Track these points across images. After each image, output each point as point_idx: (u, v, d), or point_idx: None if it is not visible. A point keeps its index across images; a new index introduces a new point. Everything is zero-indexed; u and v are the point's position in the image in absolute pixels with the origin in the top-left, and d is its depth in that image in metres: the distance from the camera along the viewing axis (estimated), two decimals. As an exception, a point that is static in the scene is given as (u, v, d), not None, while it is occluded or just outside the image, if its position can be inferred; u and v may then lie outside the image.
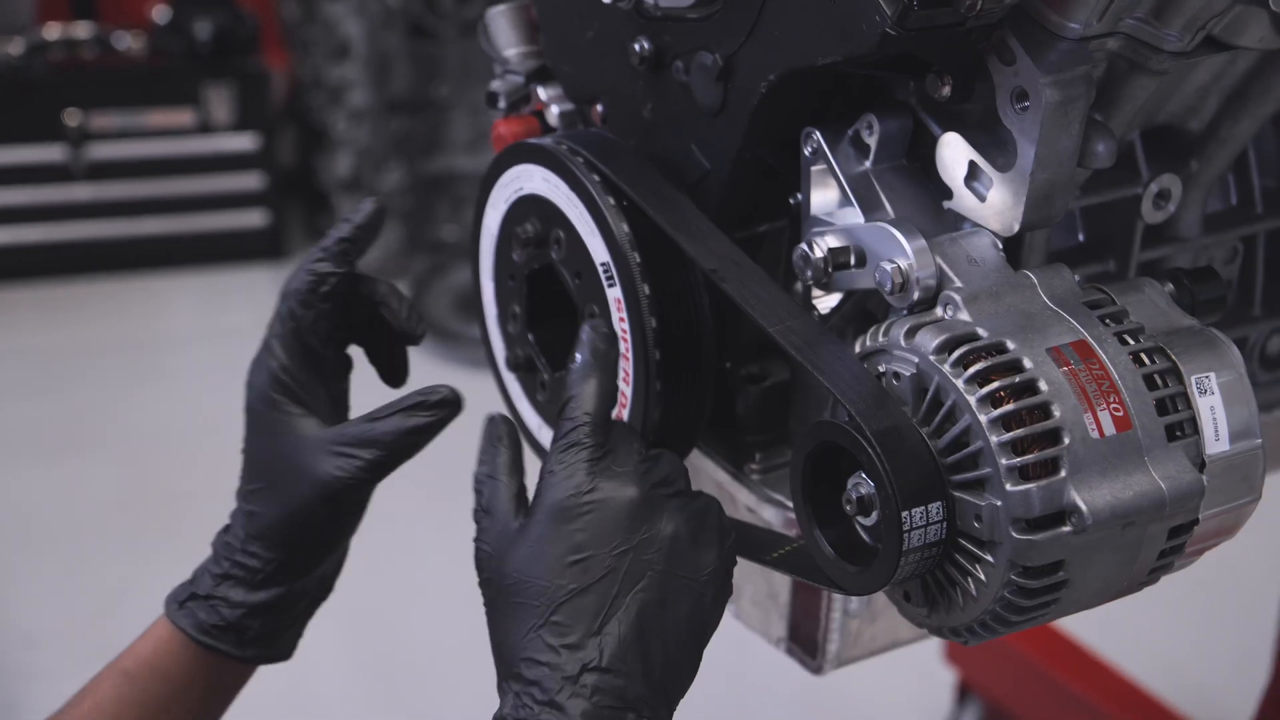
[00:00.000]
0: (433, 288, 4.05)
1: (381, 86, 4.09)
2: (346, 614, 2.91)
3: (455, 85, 4.18)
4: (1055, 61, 0.90)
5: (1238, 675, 2.16)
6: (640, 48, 1.06)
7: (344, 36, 4.03)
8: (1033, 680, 2.19)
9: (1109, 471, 0.86)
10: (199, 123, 4.23)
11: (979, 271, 0.92)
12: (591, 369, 0.93)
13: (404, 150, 4.17)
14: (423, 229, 4.26)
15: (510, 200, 1.11)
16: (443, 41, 4.14)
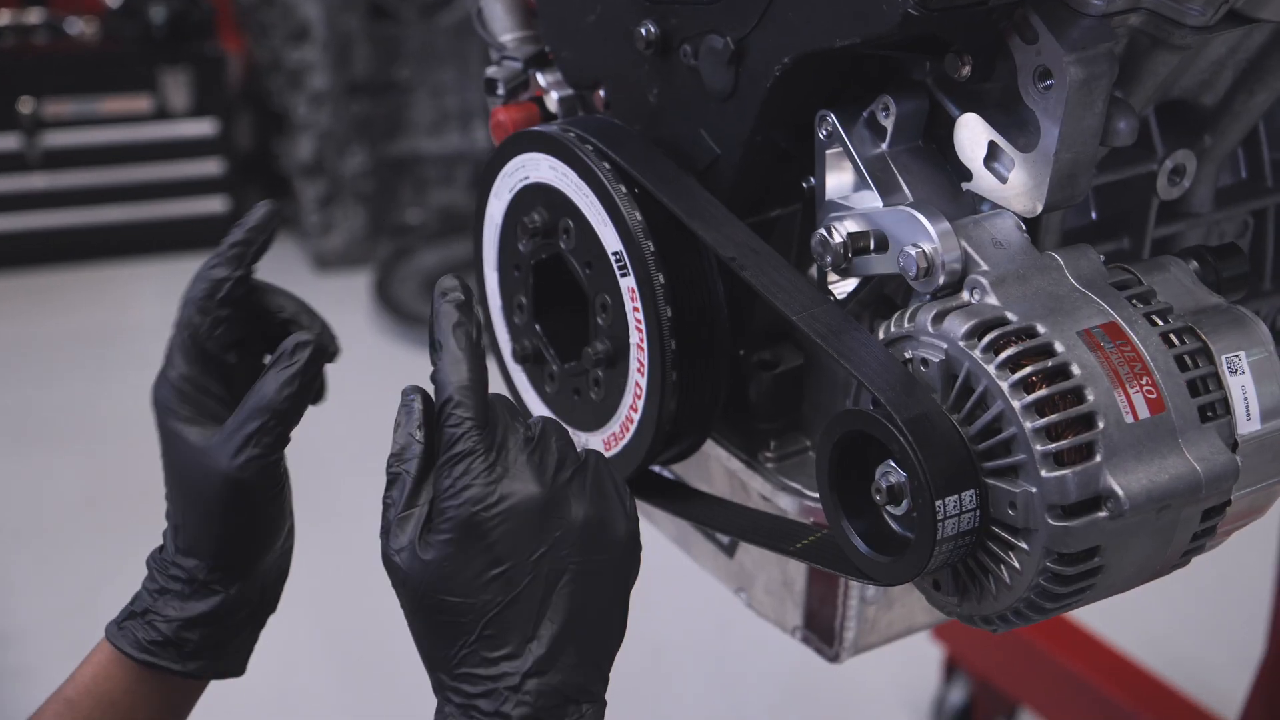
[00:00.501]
0: (398, 271, 4.02)
1: (342, 69, 4.04)
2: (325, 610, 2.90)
3: (416, 67, 4.14)
4: (1078, 39, 0.89)
5: (1230, 649, 2.18)
6: (646, 31, 1.04)
7: (303, 19, 3.98)
8: (1021, 655, 2.20)
9: (1144, 455, 0.85)
10: (156, 108, 4.17)
11: (1004, 254, 0.91)
12: (458, 358, 0.90)
13: (366, 133, 4.13)
14: (386, 213, 4.22)
15: (515, 189, 1.09)
16: (403, 23, 4.10)
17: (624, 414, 1.05)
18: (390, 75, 4.14)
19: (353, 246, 4.16)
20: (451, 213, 4.28)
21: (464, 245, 4.16)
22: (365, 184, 4.15)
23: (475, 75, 4.20)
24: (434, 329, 0.92)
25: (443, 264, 4.07)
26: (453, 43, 4.16)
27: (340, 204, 4.13)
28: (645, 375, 1.02)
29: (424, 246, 4.13)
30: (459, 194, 4.30)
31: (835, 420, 0.90)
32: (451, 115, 4.23)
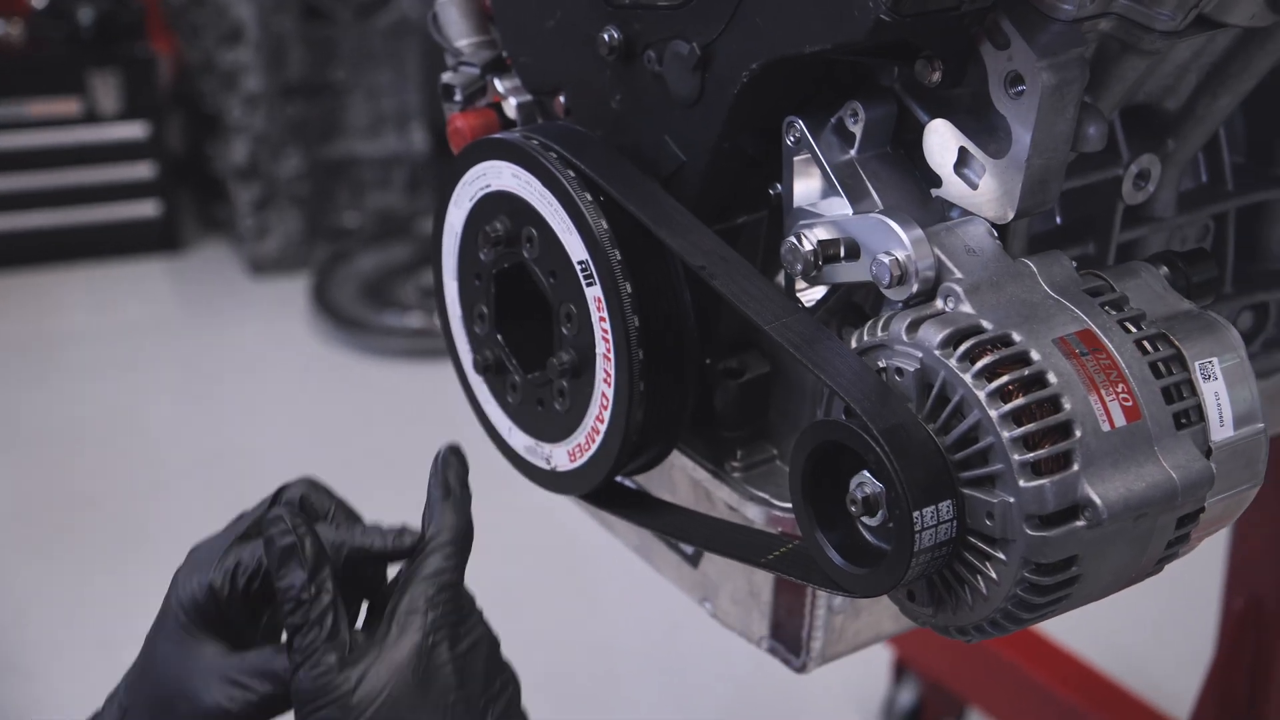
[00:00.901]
0: (336, 276, 3.97)
1: (276, 71, 3.99)
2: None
3: (352, 68, 4.10)
4: (1049, 44, 0.88)
5: (1177, 647, 2.19)
6: (609, 37, 1.02)
7: (236, 20, 3.93)
8: (970, 656, 2.20)
9: (1120, 463, 0.84)
10: (85, 111, 4.10)
11: (978, 261, 0.90)
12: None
13: (301, 136, 4.08)
14: (323, 216, 4.17)
15: (475, 197, 1.07)
16: (338, 24, 4.05)
17: (590, 424, 1.03)
18: (325, 77, 4.10)
19: (289, 250, 4.11)
20: (389, 215, 4.24)
21: (402, 248, 4.13)
22: (301, 187, 4.10)
23: (411, 77, 4.17)
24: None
25: (381, 267, 4.03)
26: (388, 44, 4.12)
27: (276, 207, 4.08)
28: (612, 385, 1.00)
29: (361, 250, 4.09)
30: (396, 197, 4.26)
31: (809, 431, 0.89)
32: (388, 117, 4.19)
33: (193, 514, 3.17)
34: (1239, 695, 1.72)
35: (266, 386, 3.67)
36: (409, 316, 3.81)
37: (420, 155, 4.24)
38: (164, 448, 3.42)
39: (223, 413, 3.56)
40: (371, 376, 3.68)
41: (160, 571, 3.26)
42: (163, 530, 3.12)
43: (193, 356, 3.82)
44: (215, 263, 4.23)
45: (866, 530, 0.89)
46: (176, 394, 3.66)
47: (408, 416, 3.53)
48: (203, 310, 4.04)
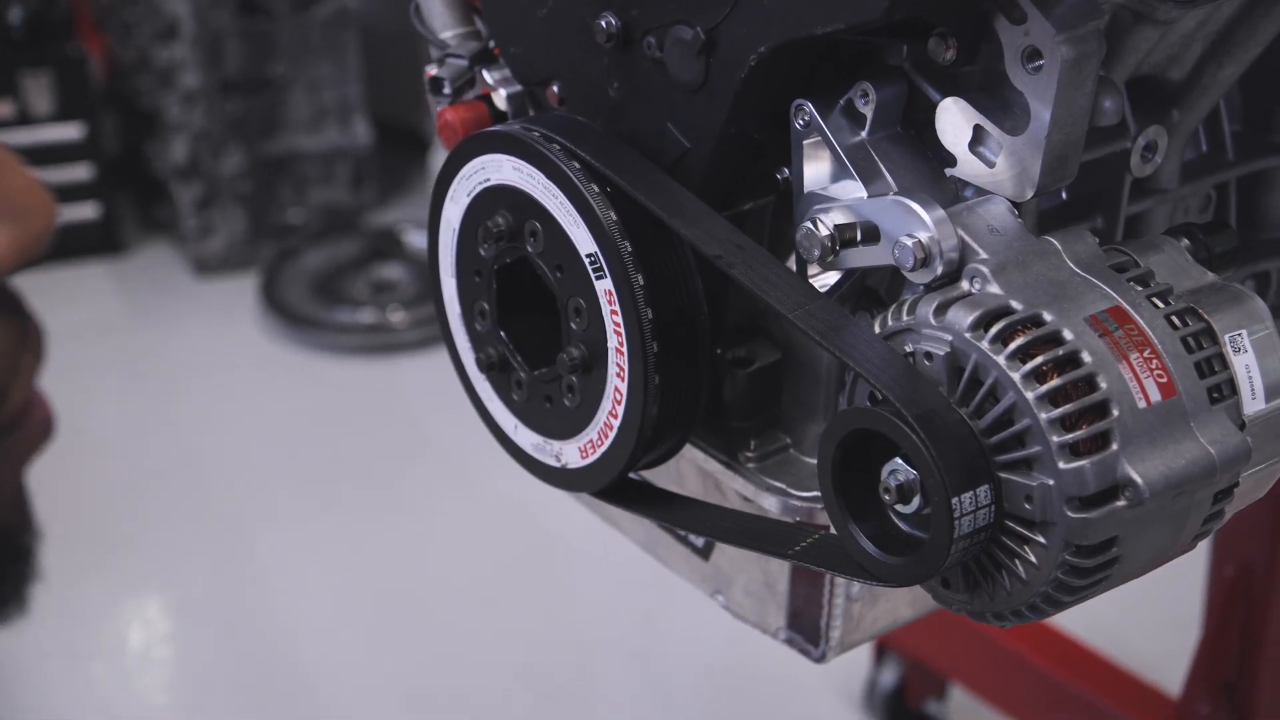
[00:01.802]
0: (284, 274, 3.92)
1: (214, 67, 3.93)
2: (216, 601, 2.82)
3: (291, 62, 4.04)
4: (1066, 17, 0.87)
5: (1162, 619, 2.20)
6: (606, 24, 1.00)
7: (171, 16, 3.85)
8: (951, 633, 2.20)
9: (1158, 441, 0.83)
10: (18, 113, 4.00)
11: (1001, 240, 0.89)
12: None
13: (242, 132, 4.02)
14: (267, 214, 4.11)
15: (474, 192, 1.04)
16: (276, 17, 3.99)
17: (602, 420, 1.01)
18: (264, 71, 4.03)
19: (234, 250, 4.04)
20: (334, 211, 4.19)
21: (350, 244, 4.07)
22: (243, 185, 4.04)
23: (352, 69, 4.11)
24: None
25: (329, 263, 3.98)
26: (328, 36, 4.06)
27: (219, 206, 4.02)
28: (625, 380, 0.98)
29: (309, 247, 4.04)
30: (341, 191, 4.20)
31: (839, 419, 0.87)
32: (330, 111, 4.13)
33: (149, 523, 3.11)
34: (1230, 664, 1.72)
35: (218, 388, 3.61)
36: (361, 312, 3.76)
37: (364, 149, 4.18)
38: (116, 454, 3.36)
39: (174, 417, 3.50)
40: (326, 374, 3.63)
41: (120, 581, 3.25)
42: (119, 539, 3.07)
43: (140, 360, 3.76)
44: (158, 264, 4.16)
45: (900, 519, 0.87)
46: (125, 400, 3.59)
47: (365, 413, 3.49)
48: (148, 313, 3.97)
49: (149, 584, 2.99)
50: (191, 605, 2.93)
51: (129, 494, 3.22)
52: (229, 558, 3.03)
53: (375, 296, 3.85)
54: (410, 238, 4.04)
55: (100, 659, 2.79)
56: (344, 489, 3.22)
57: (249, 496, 3.22)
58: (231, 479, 3.28)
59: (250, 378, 3.66)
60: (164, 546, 3.05)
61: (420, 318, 3.68)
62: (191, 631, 2.87)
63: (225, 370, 3.68)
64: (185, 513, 3.16)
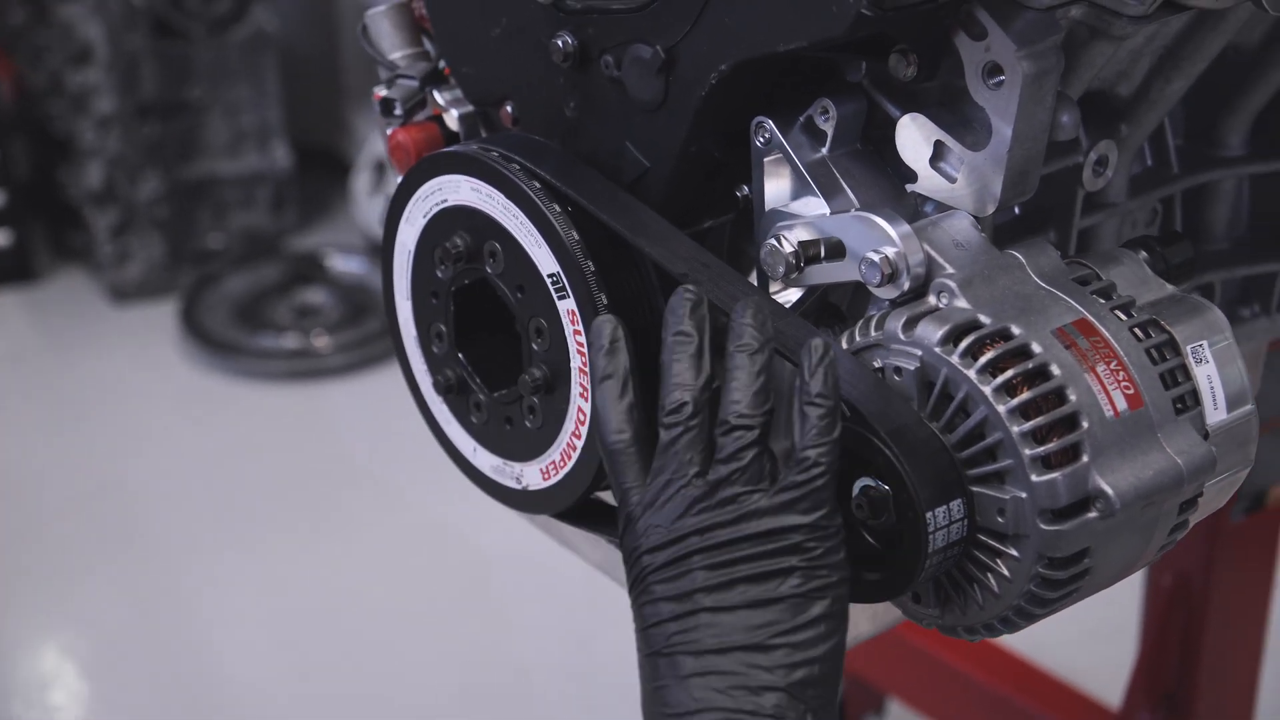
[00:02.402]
0: (204, 299, 3.86)
1: (129, 91, 3.86)
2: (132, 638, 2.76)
3: (208, 85, 3.98)
4: (1026, 33, 0.88)
5: (1101, 638, 2.22)
6: (563, 44, 0.99)
7: (84, 39, 3.79)
8: (889, 648, 2.21)
9: (1127, 452, 0.84)
10: (-74, 140, 3.92)
11: (967, 255, 0.89)
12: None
13: (158, 157, 3.95)
14: (185, 239, 4.05)
15: (430, 213, 1.03)
16: (193, 40, 3.93)
17: (565, 441, 1.00)
18: (181, 95, 3.97)
19: (152, 276, 3.98)
20: (255, 235, 4.14)
21: (272, 268, 4.02)
22: (161, 210, 3.97)
23: (271, 92, 4.07)
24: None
25: (251, 288, 3.93)
26: (246, 59, 4.01)
27: (136, 232, 3.95)
28: (589, 400, 0.97)
29: (230, 272, 3.98)
30: (261, 216, 4.15)
31: (810, 436, 0.87)
32: (249, 134, 4.08)
33: (70, 556, 3.05)
34: (1170, 674, 1.74)
35: (138, 417, 3.54)
36: (285, 337, 3.72)
37: (284, 172, 4.13)
38: (33, 488, 3.28)
39: (93, 448, 3.43)
40: (249, 401, 3.58)
41: (36, 615, 3.18)
42: (35, 573, 3.00)
43: (56, 390, 3.68)
44: (73, 292, 4.08)
45: (870, 533, 0.87)
46: (41, 430, 3.52)
47: (290, 439, 3.44)
48: (64, 341, 3.89)
49: (68, 616, 2.92)
50: (112, 638, 2.86)
51: (46, 526, 3.15)
52: (151, 589, 2.97)
53: (298, 321, 3.80)
54: (333, 262, 4.00)
55: (18, 698, 2.73)
56: (271, 517, 3.17)
57: (171, 527, 3.17)
58: (153, 509, 3.22)
59: (171, 406, 3.60)
60: (82, 578, 2.99)
61: (345, 342, 3.64)
62: (112, 665, 2.81)
63: (145, 398, 3.62)
64: (105, 545, 3.10)
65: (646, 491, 0.85)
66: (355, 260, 3.99)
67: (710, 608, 0.82)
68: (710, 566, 0.82)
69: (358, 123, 4.20)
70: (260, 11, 4.00)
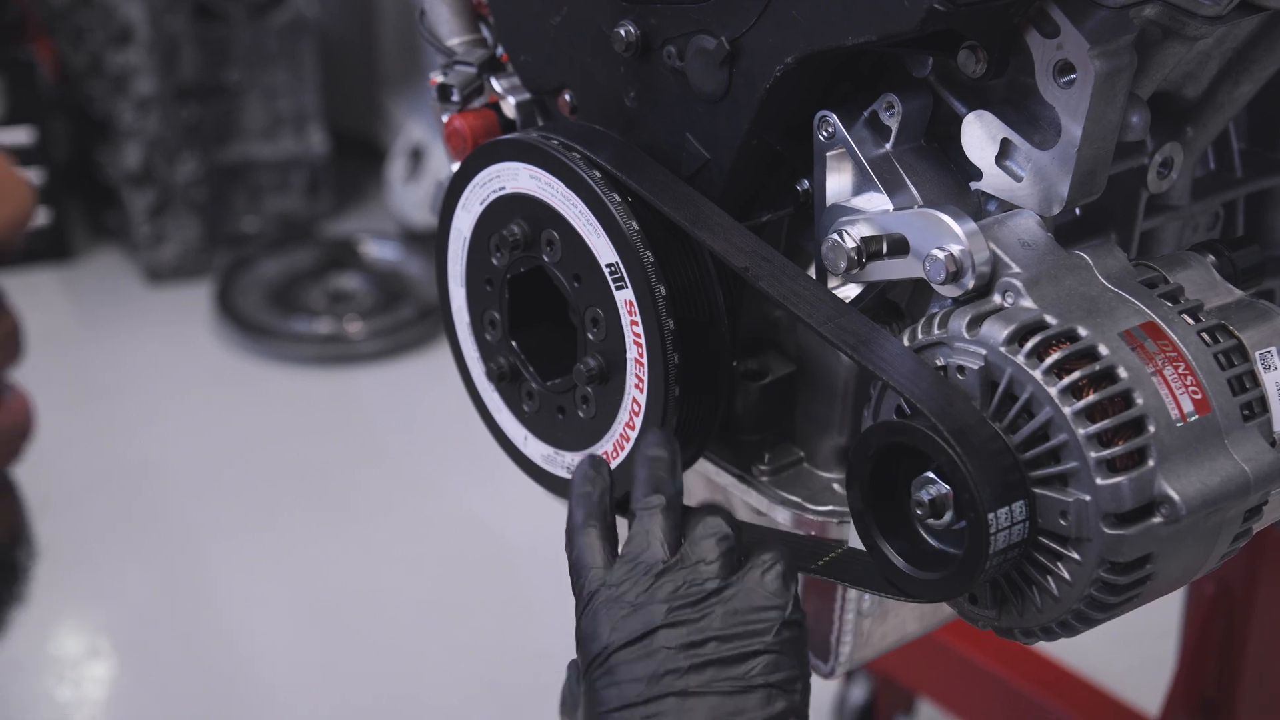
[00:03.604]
0: (239, 282, 3.87)
1: (169, 72, 3.87)
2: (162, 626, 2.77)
3: (247, 69, 3.99)
4: (1098, 31, 0.87)
5: (1141, 644, 2.20)
6: (625, 33, 0.99)
7: (125, 20, 3.80)
8: (922, 649, 2.19)
9: (1194, 457, 0.83)
10: (-34, 117, 3.94)
11: (1033, 254, 0.88)
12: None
13: (196, 139, 3.96)
14: (222, 222, 4.06)
15: (487, 201, 1.03)
16: (232, 23, 3.94)
17: (618, 432, 1.00)
18: (219, 78, 3.98)
19: (187, 257, 3.99)
20: (289, 219, 4.14)
21: (305, 253, 4.03)
22: (198, 192, 3.98)
23: (308, 77, 4.07)
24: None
25: (285, 272, 3.93)
26: (284, 43, 4.01)
27: (172, 213, 3.96)
28: (645, 391, 0.97)
29: (264, 255, 3.99)
30: (295, 200, 4.16)
31: (872, 433, 0.86)
32: (285, 119, 4.08)
33: (100, 533, 3.06)
34: (1209, 682, 1.73)
35: (170, 398, 3.55)
36: (318, 322, 3.72)
37: (319, 157, 4.14)
38: (64, 465, 3.29)
39: (124, 426, 3.44)
40: (281, 384, 3.58)
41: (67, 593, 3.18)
42: (66, 551, 3.01)
43: (90, 369, 3.70)
44: (109, 271, 4.09)
45: (930, 534, 0.87)
46: (74, 408, 3.53)
47: (320, 423, 3.45)
48: (99, 321, 3.90)
49: (98, 595, 2.94)
50: (140, 617, 2.87)
51: (77, 505, 3.16)
52: (179, 568, 2.98)
53: (332, 306, 3.81)
54: (368, 248, 4.00)
55: (49, 674, 2.74)
56: (298, 500, 3.17)
57: (201, 507, 3.17)
58: (182, 489, 3.23)
59: (203, 387, 3.61)
60: (112, 557, 3.00)
61: (377, 328, 3.64)
62: (139, 644, 2.82)
63: (177, 379, 3.62)
64: (135, 523, 3.11)
65: (612, 573, 0.87)
66: (389, 246, 3.99)
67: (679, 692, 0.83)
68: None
69: (394, 109, 4.20)
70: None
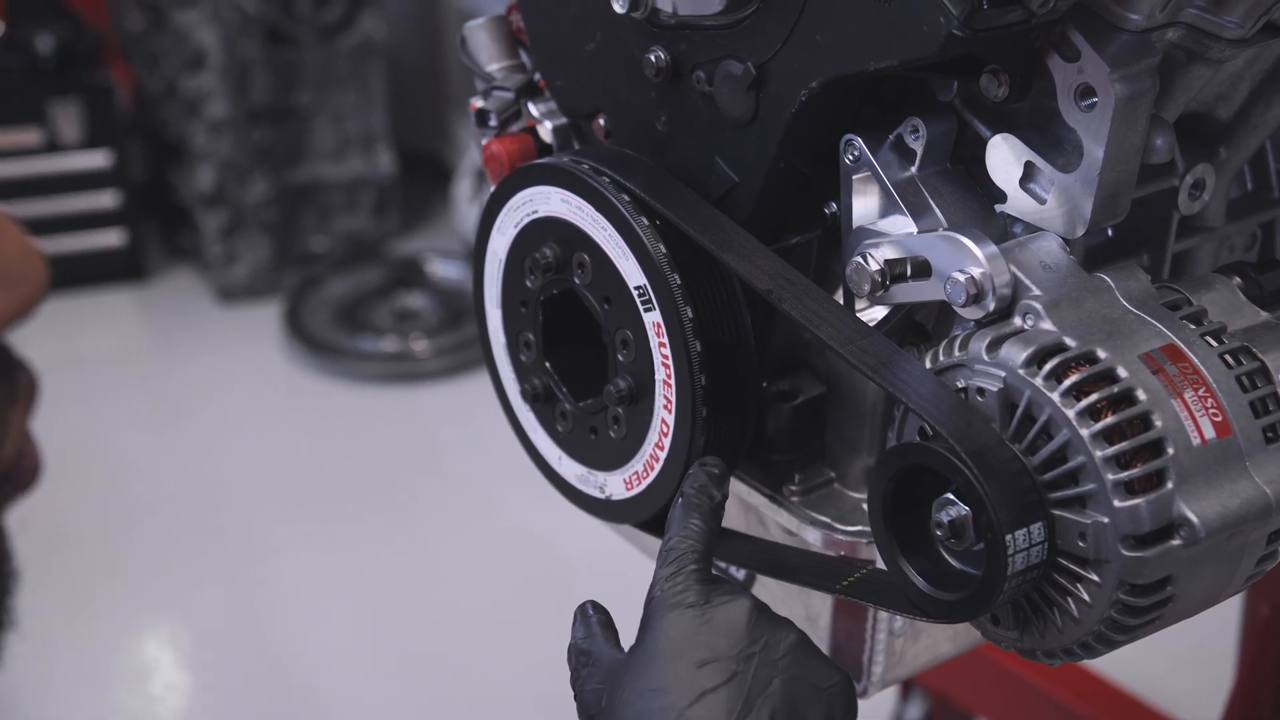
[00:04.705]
0: (308, 301, 3.93)
1: (241, 96, 3.95)
2: (240, 645, 2.81)
3: (316, 91, 4.06)
4: (1120, 55, 0.87)
5: (1197, 666, 2.18)
6: (656, 59, 1.00)
7: (199, 46, 3.88)
8: (979, 669, 2.18)
9: (1214, 480, 0.83)
10: (46, 141, 4.03)
11: (1054, 277, 0.89)
12: (694, 508, 0.95)
13: (267, 161, 4.04)
14: (291, 242, 4.12)
15: (521, 224, 1.05)
16: (302, 47, 4.01)
17: (648, 452, 1.01)
18: (290, 101, 4.05)
19: (258, 277, 4.06)
20: (357, 239, 4.20)
21: (373, 272, 4.09)
22: (268, 213, 4.05)
23: (376, 99, 4.13)
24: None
25: (353, 291, 3.99)
26: (353, 66, 4.08)
27: (244, 234, 4.03)
28: (673, 412, 0.98)
29: (332, 275, 4.05)
30: (364, 220, 4.22)
31: (892, 454, 0.87)
32: (353, 140, 4.15)
33: (168, 547, 3.12)
34: (1266, 705, 1.71)
35: (240, 415, 3.62)
36: (384, 341, 3.77)
37: (387, 178, 4.20)
38: (136, 481, 3.36)
39: (196, 443, 3.51)
40: (348, 402, 3.64)
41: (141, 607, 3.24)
42: (140, 565, 3.07)
43: (163, 386, 3.77)
44: (183, 291, 4.18)
45: (950, 554, 0.87)
46: (147, 425, 3.60)
47: (386, 440, 3.49)
48: (172, 339, 3.98)
49: (170, 609, 2.99)
50: (209, 629, 2.93)
51: (150, 518, 3.22)
52: (247, 582, 3.03)
53: (398, 325, 3.86)
54: (434, 267, 4.05)
55: (122, 685, 2.79)
56: (363, 516, 3.22)
57: (268, 522, 3.23)
58: (252, 504, 3.28)
59: (272, 404, 3.67)
60: (183, 571, 3.05)
61: (443, 346, 3.69)
62: (209, 656, 2.87)
63: (247, 396, 3.69)
64: (205, 537, 3.17)
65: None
66: (455, 265, 4.04)
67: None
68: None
69: (460, 130, 4.25)
70: (369, 20, 4.07)
